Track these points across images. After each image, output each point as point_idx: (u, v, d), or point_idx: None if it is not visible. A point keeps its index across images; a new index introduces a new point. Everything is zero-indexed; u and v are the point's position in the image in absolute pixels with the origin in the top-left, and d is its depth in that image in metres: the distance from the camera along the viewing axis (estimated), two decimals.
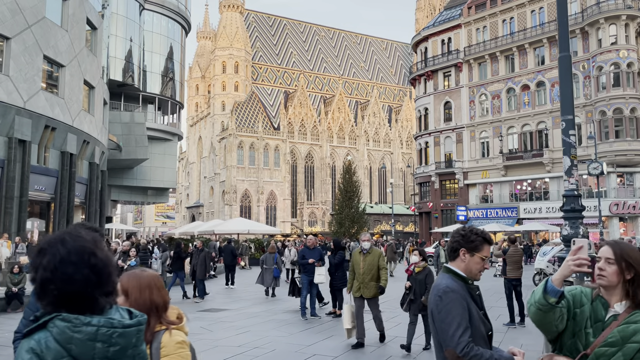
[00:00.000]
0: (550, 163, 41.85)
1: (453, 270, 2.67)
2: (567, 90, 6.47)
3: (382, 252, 9.29)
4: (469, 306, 2.55)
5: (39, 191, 23.45)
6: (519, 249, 12.15)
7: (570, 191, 6.37)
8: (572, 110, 6.46)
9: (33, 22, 22.17)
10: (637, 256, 2.19)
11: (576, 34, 41.14)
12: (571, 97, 6.50)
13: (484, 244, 2.66)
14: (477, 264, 2.66)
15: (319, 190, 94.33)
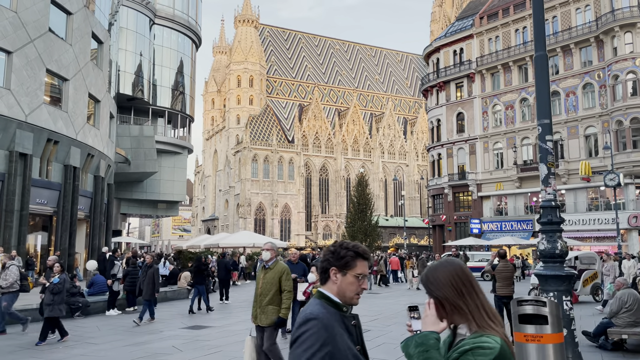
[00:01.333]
0: (566, 174, 40.81)
1: (325, 295, 2.22)
2: (544, 92, 5.97)
3: (288, 269, 6.91)
4: (336, 339, 2.08)
5: (41, 205, 23.42)
6: (509, 264, 11.52)
7: (547, 202, 5.85)
8: (549, 114, 5.95)
9: (36, 36, 22.31)
10: (441, 277, 1.95)
11: (590, 42, 40.30)
12: (548, 99, 6.00)
13: (357, 259, 2.24)
14: (352, 285, 2.23)
15: (333, 203, 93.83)
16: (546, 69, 6.02)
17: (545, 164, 5.87)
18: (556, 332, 5.25)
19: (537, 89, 6.05)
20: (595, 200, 40.52)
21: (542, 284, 5.82)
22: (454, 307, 1.94)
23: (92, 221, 27.67)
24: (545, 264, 5.85)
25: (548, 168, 5.83)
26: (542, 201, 5.96)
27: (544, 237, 5.88)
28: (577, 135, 40.90)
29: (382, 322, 12.14)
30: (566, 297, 5.64)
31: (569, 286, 5.69)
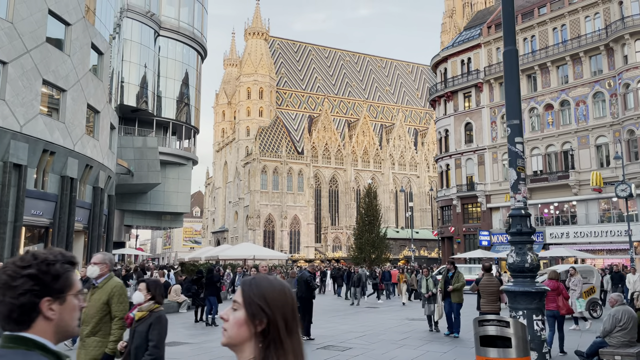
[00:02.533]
0: (577, 185, 39.85)
1: (41, 344, 1.42)
2: (513, 90, 5.45)
3: (121, 288, 5.15)
4: None
5: (36, 216, 23.21)
6: (495, 279, 10.88)
7: (517, 210, 5.30)
8: (518, 113, 5.42)
9: (32, 47, 22.23)
10: (277, 296, 1.42)
11: (600, 50, 39.53)
12: (517, 97, 5.47)
13: (71, 271, 1.50)
14: (74, 311, 1.50)
15: (343, 215, 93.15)
16: (516, 64, 5.50)
17: (514, 169, 5.33)
18: (522, 355, 4.67)
19: (506, 86, 5.52)
20: (608, 212, 39.47)
21: (510, 301, 5.25)
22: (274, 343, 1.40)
23: (90, 233, 27.42)
24: (515, 279, 5.29)
25: (517, 173, 5.29)
26: (512, 209, 5.41)
27: (512, 249, 5.32)
28: (587, 145, 39.99)
29: (368, 339, 11.56)
30: (537, 316, 5.06)
31: (540, 304, 5.12)
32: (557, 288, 10.78)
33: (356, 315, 17.14)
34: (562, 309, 10.42)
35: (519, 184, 5.34)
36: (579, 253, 36.88)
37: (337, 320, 16.07)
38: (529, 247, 5.25)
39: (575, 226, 40.38)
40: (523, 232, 5.27)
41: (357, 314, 17.62)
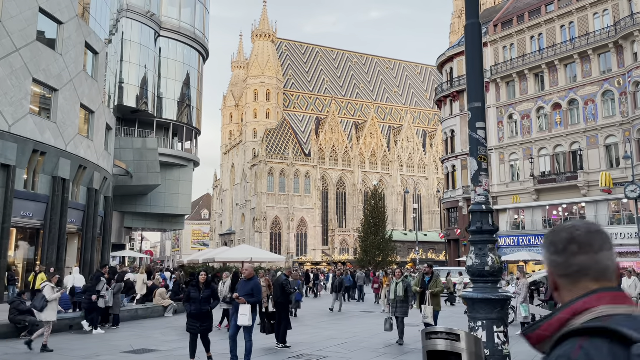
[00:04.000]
0: (586, 186, 38.79)
1: None
2: (475, 68, 4.77)
3: None
4: None
5: (27, 217, 22.81)
6: None
7: (478, 205, 4.62)
8: (481, 95, 4.75)
9: (22, 45, 21.87)
10: None
11: (609, 48, 38.47)
12: (480, 78, 4.80)
13: None
14: None
15: (350, 217, 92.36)
16: (478, 38, 4.82)
17: (475, 158, 4.65)
18: None
19: (468, 63, 4.85)
20: (617, 214, 38.35)
21: (469, 309, 4.57)
22: None
23: (84, 235, 27.00)
24: (475, 284, 4.60)
25: (479, 162, 4.62)
26: (472, 204, 4.73)
27: (472, 250, 4.64)
28: (596, 145, 38.92)
29: (348, 347, 10.88)
30: (498, 328, 4.37)
31: (502, 313, 4.43)
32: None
33: (345, 321, 16.45)
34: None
35: (480, 176, 4.66)
36: None
37: (323, 326, 15.41)
38: (490, 247, 4.56)
39: None
40: (484, 230, 4.58)
41: (347, 319, 16.93)
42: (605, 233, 1.43)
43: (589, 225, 1.43)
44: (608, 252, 1.39)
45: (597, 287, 1.34)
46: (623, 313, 1.25)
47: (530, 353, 10.43)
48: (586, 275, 1.36)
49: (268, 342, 11.25)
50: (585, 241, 1.38)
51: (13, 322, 12.34)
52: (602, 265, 1.36)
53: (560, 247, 1.41)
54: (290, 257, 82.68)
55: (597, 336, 1.18)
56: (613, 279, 1.37)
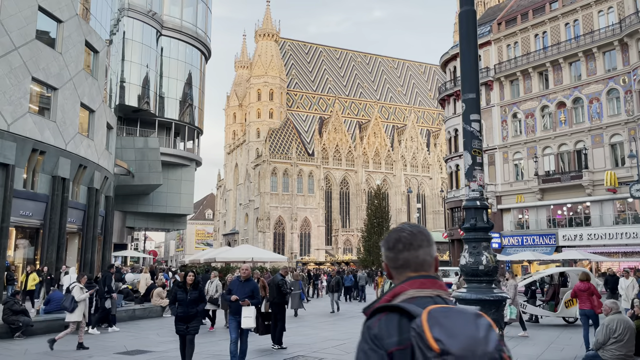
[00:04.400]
0: (591, 185, 38.40)
1: None
2: (469, 57, 4.55)
3: None
4: None
5: (26, 217, 22.70)
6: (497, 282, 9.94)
7: (472, 201, 4.40)
8: (475, 86, 4.52)
9: (21, 44, 21.75)
10: None
11: (614, 46, 38.07)
12: (475, 67, 4.57)
13: None
14: None
15: (354, 217, 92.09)
16: (473, 26, 4.60)
17: (469, 152, 4.43)
18: None
19: (462, 53, 4.63)
20: (623, 213, 37.96)
21: None
22: None
23: (84, 234, 26.87)
24: (469, 284, 4.38)
25: (473, 156, 4.39)
26: (466, 200, 4.51)
27: (466, 248, 4.41)
28: (601, 144, 38.53)
29: (345, 349, 10.66)
30: None
31: (497, 315, 4.20)
32: (588, 289, 11.27)
33: (345, 322, 16.22)
34: (597, 308, 10.88)
35: (474, 170, 4.44)
36: (593, 256, 35.41)
37: (323, 327, 15.20)
38: (484, 245, 4.33)
39: (589, 228, 38.93)
40: (478, 227, 4.36)
41: (347, 320, 16.68)
42: (425, 233, 1.74)
43: (412, 227, 1.76)
44: (426, 249, 1.72)
45: (415, 275, 1.69)
46: (426, 295, 1.62)
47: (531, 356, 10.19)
48: (408, 266, 1.71)
49: (263, 343, 11.06)
50: (408, 241, 1.71)
51: (7, 322, 12.18)
52: (420, 259, 1.70)
53: (391, 245, 1.75)
54: (294, 257, 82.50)
55: (393, 312, 1.57)
56: (430, 270, 1.72)
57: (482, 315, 1.55)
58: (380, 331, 1.54)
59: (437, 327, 1.46)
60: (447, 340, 1.43)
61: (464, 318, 1.50)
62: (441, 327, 1.46)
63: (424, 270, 1.70)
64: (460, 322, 1.49)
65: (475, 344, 1.45)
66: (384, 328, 1.54)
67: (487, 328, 1.50)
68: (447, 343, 1.43)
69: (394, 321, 1.53)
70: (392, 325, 1.53)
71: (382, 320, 1.55)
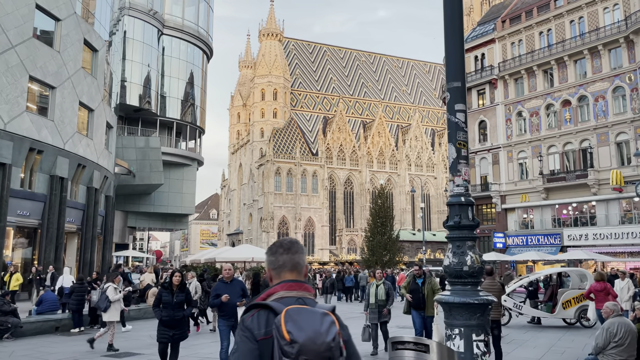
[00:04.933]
0: (597, 184, 37.91)
1: None
2: (455, 43, 4.24)
3: None
4: None
5: (23, 216, 22.56)
6: (497, 283, 9.62)
7: (456, 197, 4.10)
8: (461, 74, 4.22)
9: (18, 42, 21.60)
10: None
11: (620, 43, 37.57)
12: (460, 53, 4.27)
13: None
14: None
15: (358, 217, 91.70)
16: (458, 9, 4.29)
17: (454, 144, 4.13)
18: None
19: (446, 37, 4.31)
20: (629, 212, 37.42)
21: (446, 315, 4.04)
22: None
23: (83, 234, 26.70)
24: (452, 286, 4.07)
25: (458, 149, 4.08)
26: (450, 196, 4.20)
27: (449, 248, 4.11)
28: (607, 143, 38.03)
29: None
30: (478, 336, 3.84)
31: (482, 319, 3.89)
32: (604, 289, 11.18)
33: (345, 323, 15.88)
34: None
35: (459, 164, 4.13)
36: (598, 256, 34.88)
37: None
38: (470, 245, 4.02)
39: (594, 227, 38.43)
40: (462, 225, 4.04)
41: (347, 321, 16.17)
42: (300, 244, 2.19)
43: (291, 239, 2.22)
44: (300, 254, 2.14)
45: (290, 277, 2.07)
46: (292, 296, 2.00)
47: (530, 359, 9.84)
48: (285, 267, 2.08)
49: None
50: (287, 246, 2.12)
51: None
52: (295, 261, 2.09)
53: (273, 250, 2.15)
54: None
55: (264, 309, 1.95)
56: (300, 275, 2.10)
57: (328, 314, 1.94)
58: (252, 324, 1.94)
59: (291, 322, 1.86)
60: (296, 332, 1.83)
61: (312, 316, 1.90)
62: (294, 322, 1.86)
63: (297, 271, 2.10)
64: (308, 319, 1.88)
65: (317, 335, 1.84)
66: (255, 321, 1.94)
67: (329, 324, 1.89)
68: (296, 334, 1.83)
69: (264, 316, 1.94)
70: (262, 319, 1.93)
71: (254, 315, 1.95)
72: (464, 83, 4.26)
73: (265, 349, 1.90)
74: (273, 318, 1.90)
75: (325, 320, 1.88)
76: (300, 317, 1.86)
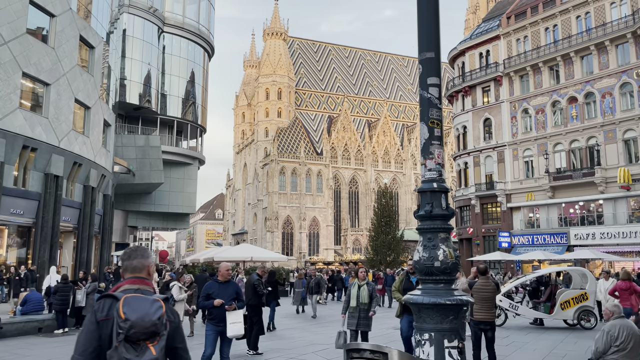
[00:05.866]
0: (604, 183, 37.17)
1: None
2: (429, 9, 3.73)
3: None
4: None
5: (17, 215, 22.19)
6: (491, 283, 9.08)
7: (428, 182, 3.59)
8: (434, 44, 3.71)
9: (11, 38, 21.24)
10: None
11: (627, 38, 36.80)
12: (434, 19, 3.76)
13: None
14: None
15: (363, 216, 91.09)
16: None
17: (426, 123, 3.61)
18: None
19: (419, 8, 3.80)
20: (637, 211, 36.64)
21: (415, 318, 3.53)
22: None
23: (80, 233, 26.34)
24: (424, 284, 3.56)
25: (430, 128, 3.57)
26: (422, 182, 3.69)
27: (420, 241, 3.60)
28: (614, 140, 37.26)
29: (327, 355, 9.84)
30: (451, 342, 3.33)
31: (455, 323, 3.38)
32: (629, 287, 11.18)
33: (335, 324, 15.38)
34: (635, 307, 10.95)
35: (431, 145, 3.62)
36: (606, 255, 34.12)
37: (313, 329, 14.42)
38: (442, 237, 3.51)
39: (601, 226, 37.67)
40: (434, 215, 3.53)
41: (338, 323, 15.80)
42: (140, 251, 2.85)
43: (137, 247, 2.90)
44: (140, 259, 2.78)
45: (132, 275, 2.74)
46: (133, 288, 2.63)
47: None
48: (127, 269, 2.78)
49: (239, 348, 10.28)
50: (128, 255, 2.81)
51: None
52: (134, 265, 2.76)
53: (122, 257, 2.82)
54: (302, 257, 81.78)
55: (109, 297, 2.57)
56: (142, 272, 2.75)
57: (159, 300, 2.57)
58: (98, 308, 2.57)
59: (127, 306, 2.47)
60: (129, 312, 2.44)
61: (144, 302, 2.52)
62: (129, 306, 2.47)
63: (138, 272, 2.74)
64: (141, 303, 2.50)
65: (145, 315, 2.46)
66: (100, 307, 2.56)
67: (157, 308, 2.53)
68: (129, 314, 2.43)
69: (108, 303, 2.55)
70: (106, 305, 2.54)
71: (101, 302, 2.58)
72: (439, 54, 3.74)
73: (105, 328, 2.48)
74: (115, 304, 2.51)
75: (154, 305, 2.52)
76: (135, 302, 2.49)
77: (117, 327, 2.39)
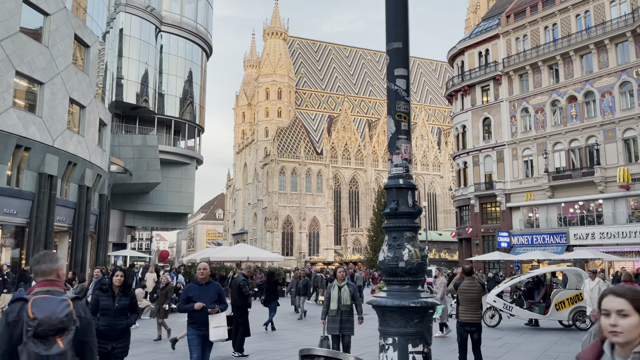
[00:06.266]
0: (603, 182, 36.93)
1: None
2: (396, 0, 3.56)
3: None
4: None
5: (10, 215, 22.06)
6: (477, 283, 8.90)
7: (394, 179, 3.42)
8: (402, 33, 3.54)
9: (4, 37, 21.11)
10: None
11: (627, 37, 36.55)
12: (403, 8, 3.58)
13: None
14: None
15: (363, 216, 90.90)
16: None
17: (392, 117, 3.45)
18: None
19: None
20: (637, 211, 36.40)
21: (379, 321, 3.36)
22: None
23: (75, 233, 26.21)
24: (389, 286, 3.39)
25: (397, 122, 3.41)
26: (388, 178, 3.52)
27: (385, 240, 3.42)
28: (614, 139, 37.03)
29: None
30: (415, 346, 3.16)
31: (420, 326, 3.20)
32: None
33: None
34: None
35: (398, 140, 3.45)
36: (605, 255, 33.91)
37: (305, 330, 14.24)
38: (408, 236, 3.33)
39: (601, 226, 37.42)
40: (400, 212, 3.35)
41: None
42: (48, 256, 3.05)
43: (46, 252, 3.10)
44: (48, 264, 2.95)
45: (42, 278, 2.89)
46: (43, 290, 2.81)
47: None
48: (37, 273, 2.94)
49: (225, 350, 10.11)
50: (37, 260, 2.99)
51: None
52: (42, 269, 2.93)
53: (35, 262, 2.99)
54: (302, 257, 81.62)
55: (19, 300, 2.75)
56: (51, 275, 2.92)
57: (66, 300, 2.80)
58: (9, 310, 2.75)
59: (35, 306, 2.70)
60: (37, 312, 2.67)
61: (52, 302, 2.74)
62: (37, 306, 2.70)
63: (47, 275, 2.93)
64: (48, 303, 2.73)
65: (52, 314, 2.69)
66: (12, 309, 2.76)
67: (64, 306, 2.76)
68: (37, 314, 2.67)
69: (19, 305, 2.73)
70: (17, 307, 2.74)
71: (12, 305, 2.76)
72: (407, 44, 3.57)
73: (15, 329, 2.68)
74: (25, 306, 2.71)
75: (61, 304, 2.74)
76: (43, 303, 2.71)
77: (26, 326, 2.62)
